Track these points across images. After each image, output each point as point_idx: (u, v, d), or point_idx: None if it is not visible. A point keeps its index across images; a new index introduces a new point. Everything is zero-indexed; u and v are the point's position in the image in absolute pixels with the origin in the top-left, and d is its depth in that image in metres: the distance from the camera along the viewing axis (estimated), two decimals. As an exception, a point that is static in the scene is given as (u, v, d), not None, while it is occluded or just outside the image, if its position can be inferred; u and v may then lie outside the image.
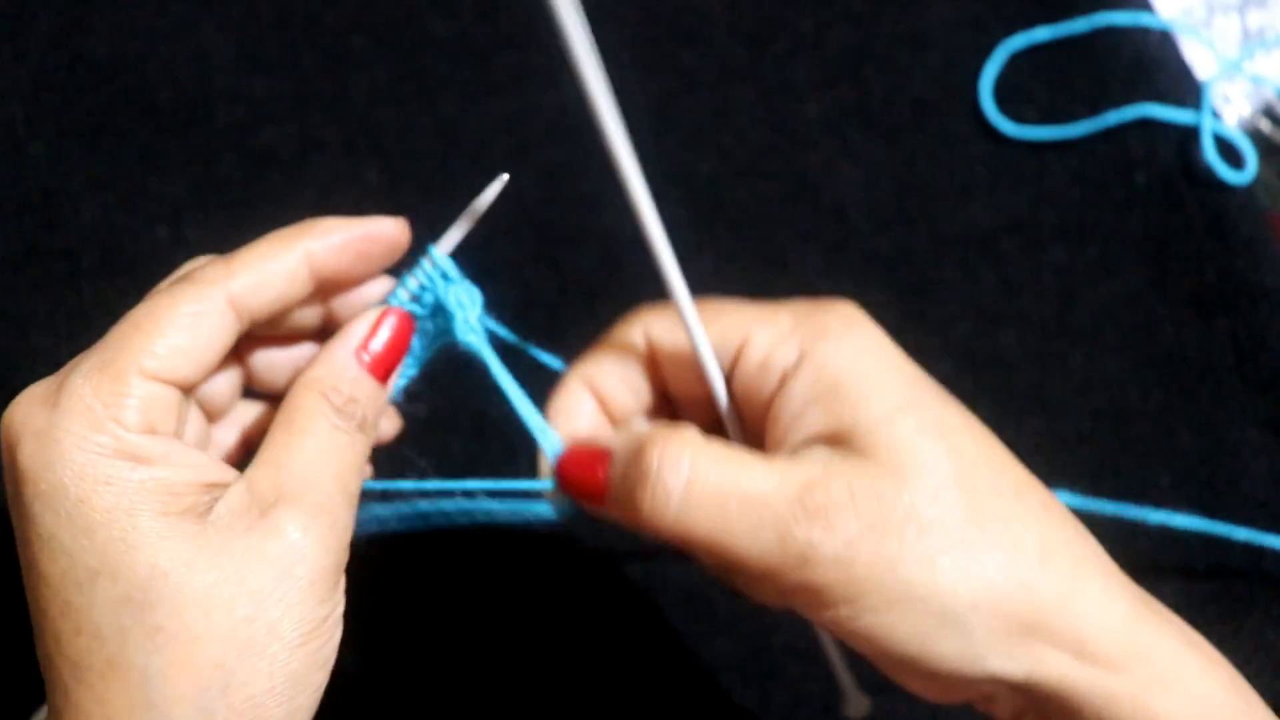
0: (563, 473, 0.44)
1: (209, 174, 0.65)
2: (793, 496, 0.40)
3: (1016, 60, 0.67)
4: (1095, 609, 0.41)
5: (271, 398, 0.47)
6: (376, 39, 0.66)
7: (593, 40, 0.40)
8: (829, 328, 0.43)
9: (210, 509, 0.39)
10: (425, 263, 0.46)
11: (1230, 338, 0.64)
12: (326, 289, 0.45)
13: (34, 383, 0.40)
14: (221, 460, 0.43)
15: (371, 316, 0.44)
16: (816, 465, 0.41)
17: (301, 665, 0.39)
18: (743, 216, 0.66)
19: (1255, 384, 0.63)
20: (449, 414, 0.62)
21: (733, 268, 0.64)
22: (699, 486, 0.40)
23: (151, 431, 0.40)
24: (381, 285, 0.46)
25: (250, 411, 0.47)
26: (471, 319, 0.45)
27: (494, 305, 0.48)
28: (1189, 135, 0.66)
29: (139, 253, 0.63)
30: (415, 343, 0.46)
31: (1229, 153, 0.66)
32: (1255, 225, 0.65)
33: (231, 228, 0.64)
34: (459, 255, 0.47)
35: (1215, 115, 0.66)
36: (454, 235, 0.46)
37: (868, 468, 0.41)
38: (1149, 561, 0.48)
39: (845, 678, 0.52)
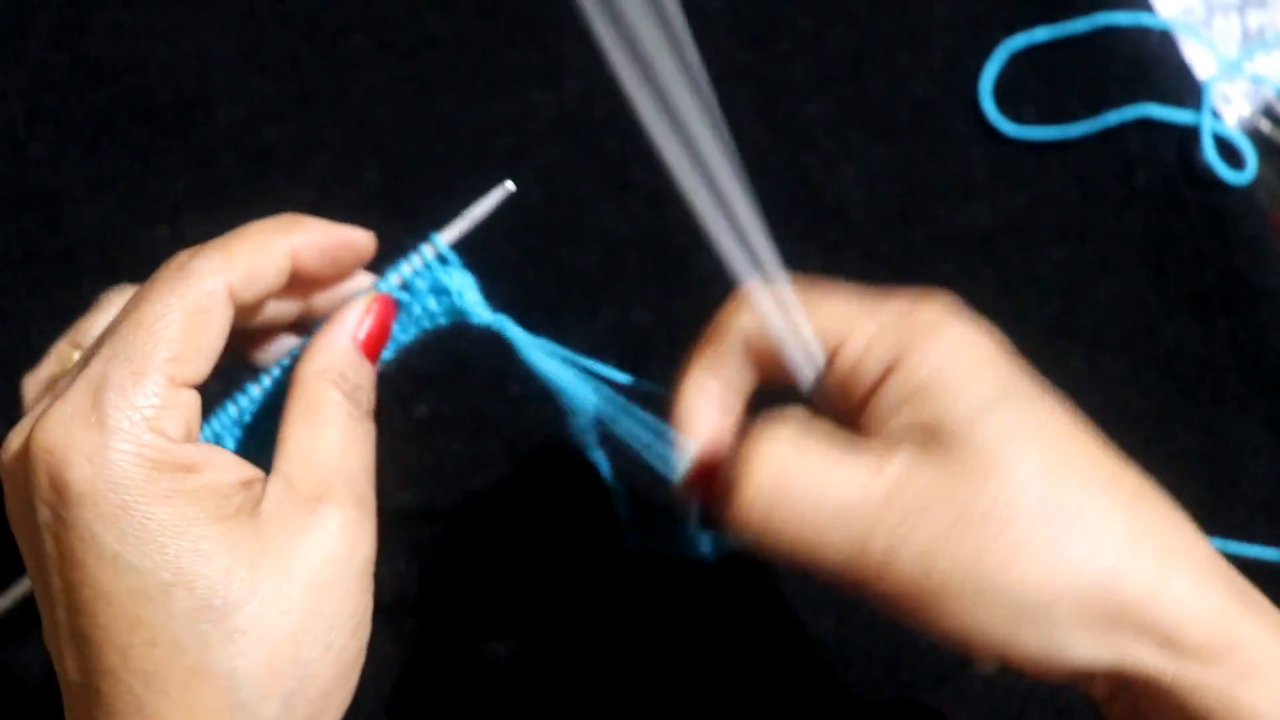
0: (696, 483, 0.45)
1: (209, 174, 0.64)
2: (877, 501, 0.41)
3: (1016, 60, 0.67)
4: (1184, 599, 0.41)
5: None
6: (376, 39, 0.66)
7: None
8: (923, 327, 0.43)
9: (255, 507, 0.40)
10: (425, 249, 0.46)
11: (1230, 338, 0.64)
12: (294, 286, 0.46)
13: (57, 401, 0.39)
14: None
15: (363, 304, 0.45)
16: (901, 468, 0.41)
17: (355, 652, 0.41)
18: (743, 216, 0.65)
19: (1256, 384, 0.63)
20: (449, 414, 0.62)
21: (733, 268, 0.64)
22: (785, 497, 0.41)
23: (190, 438, 0.41)
24: (357, 282, 0.47)
25: None
26: (477, 299, 0.46)
27: (493, 305, 0.48)
28: (1189, 135, 0.66)
29: (139, 253, 0.63)
30: (394, 328, 0.47)
31: (1229, 153, 0.65)
32: (1256, 225, 0.65)
33: (231, 227, 0.64)
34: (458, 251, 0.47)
35: (1215, 115, 0.66)
36: (453, 231, 0.47)
37: (951, 468, 0.41)
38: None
39: None
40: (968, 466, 0.41)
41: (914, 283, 0.64)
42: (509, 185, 0.46)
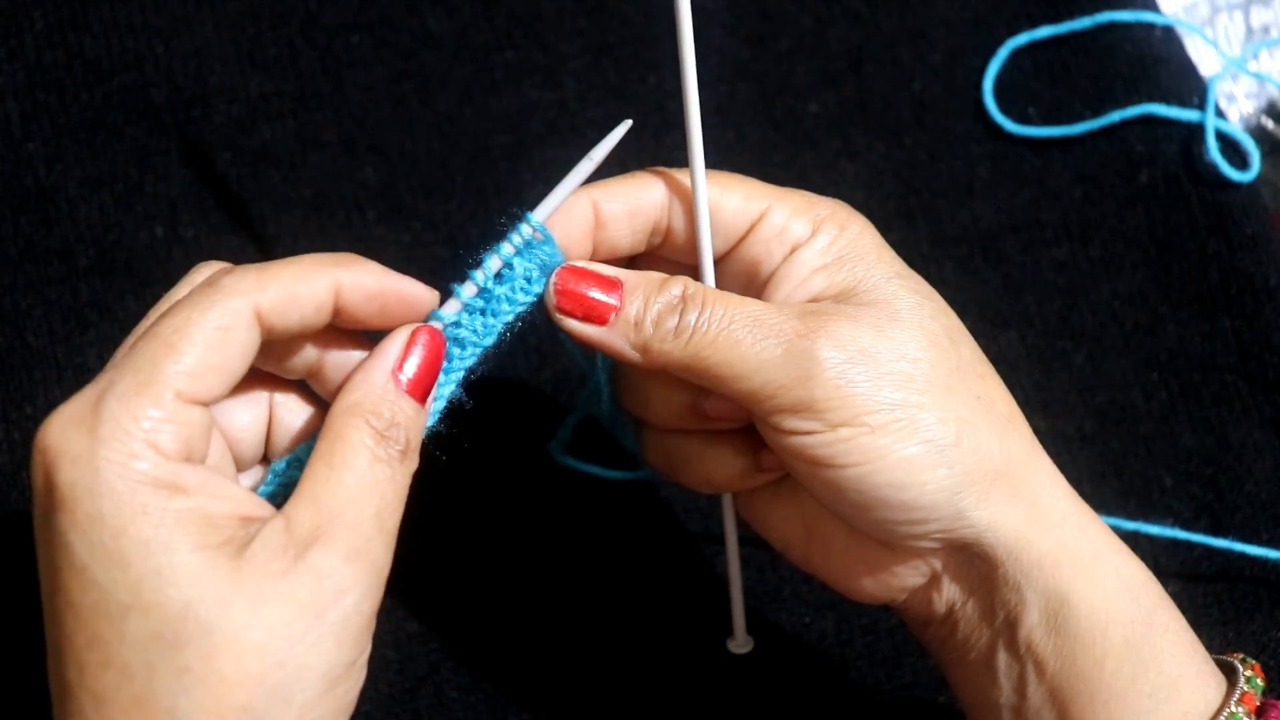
0: (568, 287, 0.46)
1: (206, 173, 0.64)
2: (797, 314, 0.44)
3: (1019, 58, 0.67)
4: (1049, 479, 0.46)
5: None
6: (374, 37, 0.66)
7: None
8: (837, 212, 0.48)
9: (247, 544, 0.39)
10: (524, 228, 0.45)
11: (1234, 337, 0.63)
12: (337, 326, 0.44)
13: (64, 403, 0.39)
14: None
15: (404, 335, 0.43)
16: (821, 305, 0.45)
17: (327, 710, 0.39)
18: (743, 215, 0.65)
19: (1259, 384, 0.63)
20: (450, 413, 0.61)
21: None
22: (712, 317, 0.44)
23: (188, 458, 0.39)
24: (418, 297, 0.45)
25: None
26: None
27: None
28: (1192, 133, 0.66)
29: (135, 252, 0.63)
30: (463, 351, 0.45)
31: (1233, 151, 0.65)
32: (1259, 224, 0.64)
33: (228, 227, 0.64)
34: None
35: (1219, 113, 0.66)
36: (556, 199, 0.46)
37: (868, 311, 0.45)
38: (1151, 564, 0.48)
39: (740, 616, 0.55)
40: (884, 313, 0.45)
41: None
42: (627, 123, 0.47)
